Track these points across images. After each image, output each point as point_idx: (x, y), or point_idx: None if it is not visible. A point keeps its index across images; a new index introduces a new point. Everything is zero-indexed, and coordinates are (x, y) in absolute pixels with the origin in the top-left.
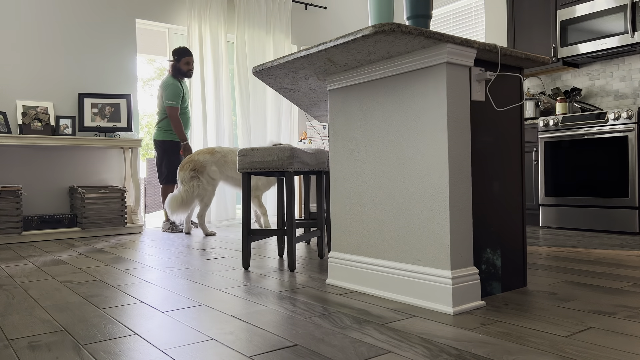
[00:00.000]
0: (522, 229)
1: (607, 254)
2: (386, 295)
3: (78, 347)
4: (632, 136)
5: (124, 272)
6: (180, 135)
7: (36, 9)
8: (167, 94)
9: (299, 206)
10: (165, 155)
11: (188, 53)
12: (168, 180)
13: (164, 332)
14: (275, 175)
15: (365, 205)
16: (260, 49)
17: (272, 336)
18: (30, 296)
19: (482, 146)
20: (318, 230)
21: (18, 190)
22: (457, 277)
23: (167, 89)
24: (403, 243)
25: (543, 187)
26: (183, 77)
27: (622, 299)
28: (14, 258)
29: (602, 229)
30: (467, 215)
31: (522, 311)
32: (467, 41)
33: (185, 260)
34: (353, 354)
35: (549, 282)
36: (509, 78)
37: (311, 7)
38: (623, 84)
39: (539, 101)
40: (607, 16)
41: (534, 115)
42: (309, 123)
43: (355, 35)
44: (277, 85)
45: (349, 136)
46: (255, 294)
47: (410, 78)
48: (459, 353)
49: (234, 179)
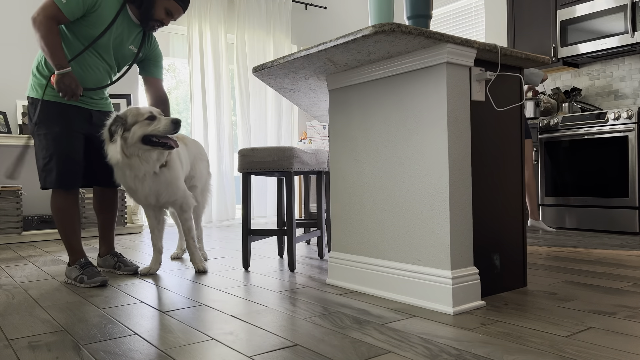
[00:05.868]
0: (522, 229)
1: (607, 254)
2: (386, 295)
3: (78, 347)
4: (632, 136)
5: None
6: (52, 57)
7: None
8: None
9: (299, 206)
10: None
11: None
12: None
13: (164, 332)
14: (275, 175)
15: (365, 205)
16: (261, 49)
17: (272, 336)
18: (30, 296)
19: (482, 146)
20: (318, 230)
21: (18, 190)
22: (457, 277)
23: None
24: (403, 243)
25: (543, 187)
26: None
27: (622, 299)
28: (14, 258)
29: (602, 229)
30: (467, 215)
31: (522, 311)
32: (467, 41)
33: (185, 260)
34: (353, 354)
35: (549, 282)
36: (509, 78)
37: (311, 7)
38: (623, 84)
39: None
40: (607, 16)
41: (534, 115)
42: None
43: (356, 35)
44: (277, 85)
45: (349, 136)
46: (255, 294)
47: (410, 78)
48: (459, 353)
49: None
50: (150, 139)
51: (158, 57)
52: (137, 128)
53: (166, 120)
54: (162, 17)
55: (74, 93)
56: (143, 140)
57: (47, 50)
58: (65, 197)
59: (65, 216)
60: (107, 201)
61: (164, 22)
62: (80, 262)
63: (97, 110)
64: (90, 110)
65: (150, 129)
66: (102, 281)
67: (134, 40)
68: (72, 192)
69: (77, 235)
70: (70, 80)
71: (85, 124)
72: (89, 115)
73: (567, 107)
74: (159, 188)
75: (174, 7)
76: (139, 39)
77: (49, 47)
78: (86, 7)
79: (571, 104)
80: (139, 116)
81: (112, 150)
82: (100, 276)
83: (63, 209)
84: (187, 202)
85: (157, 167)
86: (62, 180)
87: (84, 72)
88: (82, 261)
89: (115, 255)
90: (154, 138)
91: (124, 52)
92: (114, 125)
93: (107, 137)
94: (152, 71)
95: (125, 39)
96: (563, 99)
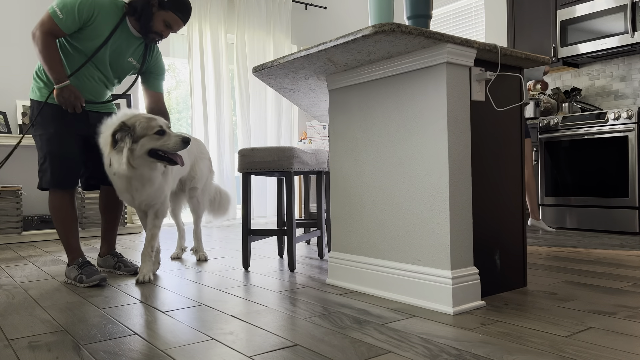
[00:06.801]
0: (522, 229)
1: (607, 254)
2: (386, 295)
3: (78, 347)
4: (632, 136)
5: (124, 272)
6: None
7: (36, 9)
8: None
9: (299, 206)
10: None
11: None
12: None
13: (164, 332)
14: (275, 175)
15: (365, 205)
16: (261, 49)
17: (272, 336)
18: (30, 296)
19: (482, 146)
20: (318, 230)
21: (18, 190)
22: (457, 277)
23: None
24: (403, 243)
25: (543, 187)
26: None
27: (622, 299)
28: (14, 258)
29: (602, 229)
30: (467, 215)
31: (522, 311)
32: (467, 41)
33: (185, 260)
34: (353, 354)
35: (549, 282)
36: (509, 78)
37: (311, 7)
38: (623, 84)
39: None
40: (607, 16)
41: (534, 115)
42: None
43: (355, 35)
44: (277, 85)
45: (349, 136)
46: (255, 294)
47: (410, 78)
48: (459, 353)
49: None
50: (156, 152)
51: (160, 71)
52: (146, 141)
53: (176, 137)
54: (161, 30)
55: (74, 105)
56: (149, 153)
57: (46, 65)
58: (62, 196)
59: (62, 216)
60: (112, 201)
61: (163, 35)
62: (78, 262)
63: (95, 112)
64: (88, 111)
65: (159, 144)
66: (100, 279)
67: (133, 53)
68: (67, 192)
69: (75, 235)
70: (70, 93)
71: (83, 125)
72: (85, 116)
73: (567, 107)
74: (148, 190)
75: (173, 19)
76: (140, 51)
77: (47, 62)
78: (82, 21)
79: (571, 104)
80: (149, 129)
81: (116, 160)
82: (98, 274)
83: (59, 208)
84: (163, 210)
85: (159, 176)
86: (57, 180)
87: (80, 82)
88: (80, 261)
89: (115, 255)
90: (160, 152)
91: (123, 64)
92: (119, 133)
93: (110, 142)
94: (153, 84)
95: (124, 51)
96: (563, 99)
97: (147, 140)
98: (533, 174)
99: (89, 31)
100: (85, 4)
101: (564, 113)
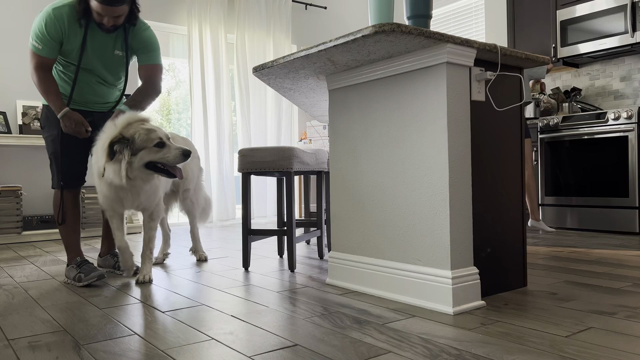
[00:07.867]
0: (522, 229)
1: (607, 254)
2: (386, 295)
3: (78, 347)
4: (632, 136)
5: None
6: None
7: (36, 9)
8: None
9: (299, 206)
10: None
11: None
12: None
13: (164, 332)
14: (275, 175)
15: (365, 205)
16: (261, 49)
17: (272, 336)
18: (30, 296)
19: (482, 146)
20: (318, 230)
21: (18, 190)
22: (457, 277)
23: (34, 22)
24: (403, 243)
25: (543, 187)
26: (86, 19)
27: (622, 299)
28: (14, 258)
29: (602, 229)
30: (467, 215)
31: (522, 311)
32: (467, 41)
33: (185, 260)
34: (353, 354)
35: (549, 282)
36: (509, 78)
37: (311, 7)
38: (623, 84)
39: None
40: (607, 16)
41: (534, 115)
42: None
43: (355, 35)
44: (277, 85)
45: (349, 136)
46: (255, 294)
47: (410, 78)
48: (459, 353)
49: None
50: (155, 164)
51: (149, 46)
52: (145, 154)
53: (176, 150)
54: (100, 20)
55: (78, 132)
56: (147, 165)
57: (45, 97)
58: (65, 196)
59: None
60: None
61: (106, 24)
62: (76, 261)
63: (99, 112)
64: (93, 111)
65: (158, 157)
66: (99, 275)
67: (116, 44)
68: (70, 192)
69: (76, 234)
70: (70, 120)
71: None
72: (90, 116)
73: (567, 107)
74: (142, 197)
75: (99, 7)
76: (120, 40)
77: (45, 95)
78: (58, 39)
79: (571, 104)
80: (149, 142)
81: (112, 171)
82: (96, 271)
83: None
84: (157, 212)
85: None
86: (60, 180)
87: (82, 89)
88: (78, 260)
89: (115, 255)
90: (159, 164)
91: (112, 59)
92: (117, 145)
93: (107, 153)
94: (142, 58)
95: (105, 47)
96: (563, 99)
97: (146, 153)
98: (533, 174)
99: (67, 43)
100: (50, 24)
101: (564, 113)
